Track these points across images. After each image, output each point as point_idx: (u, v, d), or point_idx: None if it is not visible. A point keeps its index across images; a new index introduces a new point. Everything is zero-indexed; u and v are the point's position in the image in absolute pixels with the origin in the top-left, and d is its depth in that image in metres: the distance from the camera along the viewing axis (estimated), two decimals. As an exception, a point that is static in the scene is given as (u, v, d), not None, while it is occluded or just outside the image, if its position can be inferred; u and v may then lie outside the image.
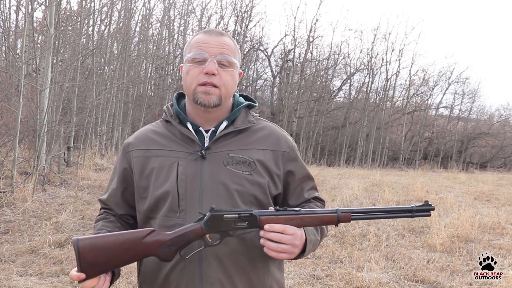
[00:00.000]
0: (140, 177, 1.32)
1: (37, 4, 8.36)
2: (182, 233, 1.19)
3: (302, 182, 1.39)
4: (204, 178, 1.26)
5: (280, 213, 1.20)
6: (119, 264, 1.18)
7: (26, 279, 3.79)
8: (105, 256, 1.15)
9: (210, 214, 1.19)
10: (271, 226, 1.18)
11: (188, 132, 1.31)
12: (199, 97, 1.28)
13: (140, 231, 1.19)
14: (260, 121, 1.41)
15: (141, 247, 1.17)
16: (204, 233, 1.19)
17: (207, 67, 1.27)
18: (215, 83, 1.27)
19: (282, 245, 1.18)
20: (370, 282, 4.09)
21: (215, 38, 1.30)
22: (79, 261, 1.13)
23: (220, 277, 1.25)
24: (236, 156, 1.29)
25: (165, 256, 1.19)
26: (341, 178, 13.77)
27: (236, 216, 1.19)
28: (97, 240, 1.16)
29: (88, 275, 1.14)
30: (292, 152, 1.37)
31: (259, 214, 1.20)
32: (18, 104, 6.49)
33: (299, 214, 1.21)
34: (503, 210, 8.36)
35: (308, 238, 1.24)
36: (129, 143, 1.38)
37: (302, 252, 1.24)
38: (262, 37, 28.50)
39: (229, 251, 1.25)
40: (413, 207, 1.24)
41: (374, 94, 26.47)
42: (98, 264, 1.14)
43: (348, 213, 1.23)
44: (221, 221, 1.19)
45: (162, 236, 1.18)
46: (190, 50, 1.32)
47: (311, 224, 1.23)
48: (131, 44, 16.14)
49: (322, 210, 1.24)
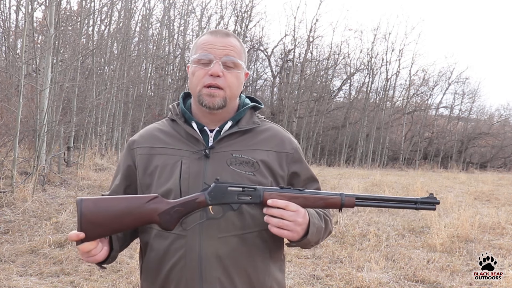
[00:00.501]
0: (144, 174, 1.33)
1: (37, 4, 8.36)
2: (185, 201, 1.19)
3: (306, 184, 1.39)
4: (207, 177, 1.27)
5: (284, 190, 1.21)
6: (120, 228, 1.17)
7: (26, 279, 3.79)
8: (107, 218, 1.14)
9: (214, 184, 1.20)
10: (274, 201, 1.18)
11: (193, 131, 1.32)
12: (204, 99, 1.29)
13: (143, 196, 1.20)
14: (264, 122, 1.41)
15: (143, 211, 1.17)
16: (207, 203, 1.19)
17: (212, 69, 1.27)
18: (220, 84, 1.28)
19: (285, 221, 1.18)
20: (370, 282, 4.09)
21: (221, 39, 1.30)
22: (80, 220, 1.13)
23: (220, 276, 1.25)
24: (240, 156, 1.30)
25: (166, 224, 1.18)
26: (341, 178, 13.78)
27: (240, 189, 1.20)
28: (100, 201, 1.17)
29: (88, 236, 1.13)
30: (296, 154, 1.38)
31: (263, 189, 1.21)
32: (18, 104, 6.49)
33: (303, 194, 1.22)
34: (503, 210, 8.36)
35: (311, 221, 1.24)
36: (134, 141, 1.39)
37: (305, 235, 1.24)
38: (262, 37, 28.54)
39: (230, 250, 1.26)
40: (418, 199, 1.24)
41: (374, 94, 26.49)
42: (99, 225, 1.14)
43: (352, 197, 1.23)
44: (224, 192, 1.20)
45: (164, 203, 1.19)
46: (196, 51, 1.32)
47: (315, 205, 1.23)
48: (131, 44, 16.13)
49: (326, 192, 1.25)
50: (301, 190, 1.23)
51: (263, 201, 1.20)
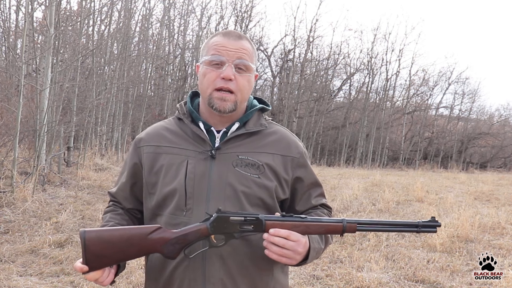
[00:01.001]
0: (149, 173, 1.33)
1: (37, 4, 8.36)
2: (187, 232, 1.20)
3: (310, 189, 1.39)
4: (212, 178, 1.27)
5: (286, 219, 1.20)
6: (124, 258, 1.19)
7: (26, 279, 3.79)
8: (111, 249, 1.16)
9: (216, 215, 1.19)
10: (276, 231, 1.17)
11: (200, 131, 1.31)
12: (214, 102, 1.28)
13: (146, 227, 1.20)
14: (272, 125, 1.41)
15: (146, 243, 1.18)
16: (209, 233, 1.19)
17: (224, 72, 1.26)
18: (232, 88, 1.27)
19: (285, 250, 1.17)
20: (370, 282, 4.09)
21: (234, 42, 1.29)
22: (84, 252, 1.14)
23: (222, 277, 1.25)
24: (246, 158, 1.30)
25: (169, 254, 1.20)
26: (341, 178, 13.77)
27: (242, 219, 1.19)
28: (103, 233, 1.17)
29: (93, 267, 1.15)
30: (301, 158, 1.37)
31: (265, 218, 1.20)
32: (18, 104, 6.49)
33: (304, 221, 1.21)
34: (503, 210, 8.36)
35: (311, 246, 1.24)
36: (141, 139, 1.39)
37: (304, 260, 1.24)
38: (262, 37, 28.55)
39: (233, 251, 1.26)
40: (419, 222, 1.23)
41: (374, 94, 26.50)
42: (103, 256, 1.15)
43: (354, 223, 1.22)
44: (226, 223, 1.19)
45: (167, 234, 1.19)
46: (207, 52, 1.31)
47: (316, 232, 1.23)
48: (131, 44, 16.13)
49: (328, 219, 1.24)
50: (303, 218, 1.22)
51: (265, 230, 1.20)
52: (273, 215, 1.22)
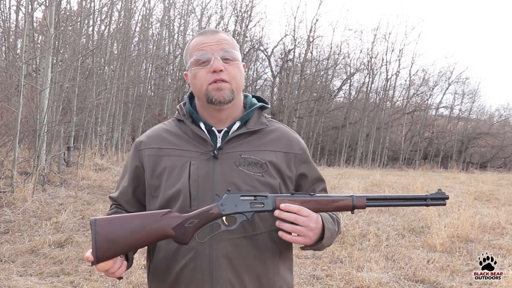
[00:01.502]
0: (152, 176, 1.32)
1: (37, 4, 8.37)
2: (198, 213, 1.19)
3: (313, 184, 1.39)
4: (216, 178, 1.27)
5: (295, 196, 1.21)
6: (136, 244, 1.17)
7: (26, 279, 3.79)
8: (121, 235, 1.14)
9: (226, 195, 1.20)
10: (287, 205, 1.18)
11: (201, 131, 1.31)
12: (212, 95, 1.28)
13: (156, 212, 1.20)
14: (272, 122, 1.41)
15: (157, 227, 1.17)
16: (221, 214, 1.19)
17: (213, 65, 1.27)
18: (224, 78, 1.27)
19: (297, 226, 1.17)
20: (370, 282, 4.09)
21: (212, 36, 1.30)
22: (95, 240, 1.12)
23: (230, 278, 1.25)
24: (248, 157, 1.29)
25: (181, 237, 1.18)
26: (341, 178, 13.77)
27: (252, 197, 1.20)
28: (114, 219, 1.17)
29: (104, 256, 1.13)
30: (304, 155, 1.38)
31: (274, 196, 1.21)
32: (18, 104, 6.49)
33: (314, 197, 1.22)
34: (503, 210, 8.36)
35: (326, 226, 1.24)
36: (141, 141, 1.38)
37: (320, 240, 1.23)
38: (262, 37, 28.54)
39: (240, 252, 1.26)
40: (428, 196, 1.23)
41: (374, 94, 26.51)
42: (115, 243, 1.14)
43: (363, 198, 1.23)
44: (237, 202, 1.19)
45: (178, 217, 1.18)
46: (191, 54, 1.32)
47: (327, 208, 1.23)
48: (131, 44, 16.14)
49: (337, 195, 1.24)
50: (312, 194, 1.23)
51: (276, 208, 1.20)
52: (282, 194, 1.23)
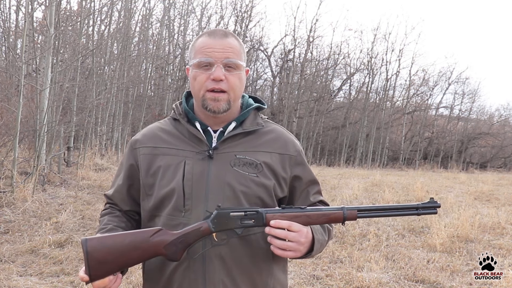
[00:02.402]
0: (146, 175, 1.32)
1: (37, 4, 8.36)
2: (189, 231, 1.19)
3: (308, 186, 1.39)
4: (210, 178, 1.26)
5: (286, 210, 1.21)
6: (127, 263, 1.18)
7: (26, 279, 3.79)
8: (113, 255, 1.15)
9: (216, 212, 1.19)
10: (277, 222, 1.18)
11: (196, 131, 1.31)
12: (208, 103, 1.28)
13: (147, 230, 1.20)
14: (268, 123, 1.41)
15: (148, 245, 1.17)
16: (211, 231, 1.19)
17: (214, 73, 1.25)
18: (223, 88, 1.26)
19: (288, 242, 1.18)
20: (370, 282, 4.09)
21: (220, 42, 1.27)
22: (87, 260, 1.13)
23: (223, 278, 1.25)
24: (243, 157, 1.29)
25: (172, 255, 1.19)
26: (341, 178, 13.77)
27: (242, 213, 1.20)
28: (105, 240, 1.17)
29: (97, 275, 1.14)
30: (299, 156, 1.37)
31: (265, 211, 1.21)
32: (18, 104, 6.49)
33: (305, 212, 1.21)
34: (503, 210, 8.36)
35: (315, 237, 1.24)
36: (137, 140, 1.38)
37: (310, 252, 1.24)
38: (262, 37, 28.48)
39: (233, 252, 1.25)
40: (419, 205, 1.24)
41: (374, 94, 26.49)
42: (107, 263, 1.14)
43: (354, 210, 1.23)
44: (227, 219, 1.19)
45: (169, 235, 1.19)
46: (195, 55, 1.30)
47: (317, 221, 1.23)
48: (131, 44, 16.12)
49: (327, 208, 1.25)
50: (303, 208, 1.22)
51: (266, 223, 1.20)
52: (273, 208, 1.23)
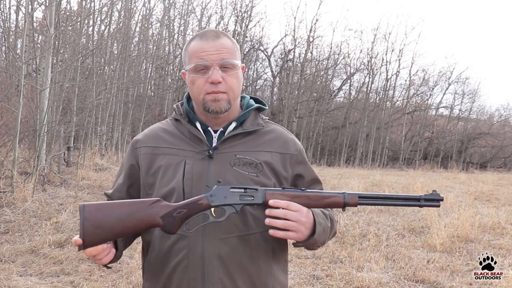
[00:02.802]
0: (147, 174, 1.33)
1: (37, 4, 8.36)
2: (187, 203, 1.19)
3: (310, 185, 1.39)
4: (210, 178, 1.27)
5: (286, 190, 1.22)
6: (123, 231, 1.17)
7: (26, 279, 3.79)
8: (109, 221, 1.15)
9: (216, 186, 1.20)
10: (276, 201, 1.18)
11: (197, 131, 1.31)
12: (209, 105, 1.28)
13: (145, 200, 1.20)
14: (268, 124, 1.41)
15: (145, 214, 1.17)
16: (210, 205, 1.19)
17: (211, 76, 1.26)
18: (222, 90, 1.27)
19: (288, 222, 1.17)
20: (370, 282, 4.09)
21: (213, 43, 1.27)
22: (83, 225, 1.13)
23: (222, 277, 1.25)
24: (243, 157, 1.30)
25: (169, 226, 1.18)
26: (341, 178, 13.77)
27: (242, 190, 1.20)
28: (103, 206, 1.17)
29: (91, 241, 1.14)
30: (300, 155, 1.38)
31: (265, 189, 1.21)
32: (18, 104, 6.49)
33: (305, 193, 1.22)
34: (503, 210, 8.36)
35: (317, 220, 1.24)
36: (138, 140, 1.39)
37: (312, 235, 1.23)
38: (262, 37, 28.56)
39: (233, 251, 1.26)
40: (421, 196, 1.23)
41: (374, 94, 26.51)
42: (102, 228, 1.14)
43: (355, 196, 1.23)
44: (227, 194, 1.20)
45: (167, 206, 1.19)
46: (190, 60, 1.30)
47: (317, 203, 1.23)
48: (131, 44, 16.13)
49: (328, 192, 1.25)
50: (303, 190, 1.23)
51: (265, 202, 1.20)
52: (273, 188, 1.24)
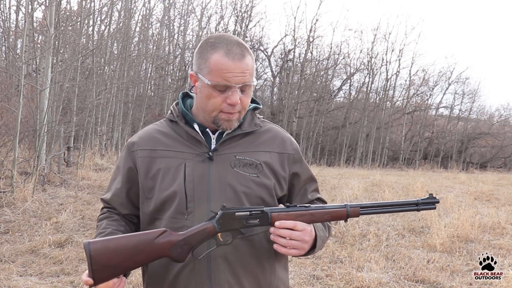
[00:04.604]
0: (146, 178, 1.31)
1: (37, 4, 8.36)
2: (194, 232, 1.18)
3: (306, 184, 1.40)
4: (211, 180, 1.26)
5: (290, 209, 1.22)
6: (132, 266, 1.16)
7: (26, 279, 3.79)
8: (117, 259, 1.13)
9: (222, 212, 1.19)
10: (282, 223, 1.18)
11: (195, 133, 1.30)
12: (221, 123, 1.27)
13: (152, 232, 1.18)
14: (264, 123, 1.41)
15: (153, 248, 1.16)
16: (216, 231, 1.19)
17: (231, 98, 1.22)
18: (238, 110, 1.26)
19: (292, 241, 1.18)
20: (370, 282, 4.09)
21: (239, 65, 1.22)
22: (90, 264, 1.11)
23: (228, 279, 1.25)
24: (243, 158, 1.30)
25: (178, 257, 1.18)
26: (341, 178, 13.77)
27: (247, 213, 1.20)
28: (109, 243, 1.15)
29: (101, 279, 1.13)
30: (296, 154, 1.38)
31: (270, 210, 1.21)
32: (18, 104, 6.49)
33: (309, 210, 1.22)
34: (503, 210, 8.36)
35: (318, 234, 1.25)
36: (134, 143, 1.36)
37: (312, 249, 1.25)
38: (262, 37, 28.54)
39: (237, 252, 1.26)
40: (418, 200, 1.26)
41: (374, 94, 26.51)
42: (111, 267, 1.13)
43: (357, 207, 1.24)
44: (233, 219, 1.19)
45: (174, 236, 1.18)
46: (210, 73, 1.22)
47: (321, 219, 1.24)
48: (131, 44, 16.13)
49: (331, 206, 1.25)
50: (307, 206, 1.23)
51: (271, 223, 1.20)
52: (277, 207, 1.23)
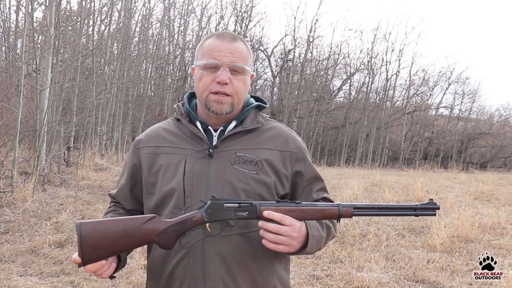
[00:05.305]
0: (149, 174, 1.35)
1: (37, 4, 8.35)
2: (182, 220, 1.20)
3: (311, 183, 1.39)
4: (210, 176, 1.28)
5: (280, 204, 1.22)
6: (120, 249, 1.19)
7: (26, 279, 3.79)
8: (107, 241, 1.16)
9: (210, 202, 1.20)
10: (270, 213, 1.18)
11: (197, 130, 1.33)
12: (211, 105, 1.30)
13: (141, 217, 1.21)
14: (269, 121, 1.42)
15: (141, 232, 1.18)
16: (204, 221, 1.20)
17: (219, 76, 1.27)
18: (227, 91, 1.28)
19: (280, 236, 1.18)
20: (370, 282, 4.09)
21: (228, 45, 1.29)
22: (80, 244, 1.14)
23: (222, 275, 1.26)
24: (243, 155, 1.31)
25: (165, 243, 1.19)
26: (341, 178, 13.77)
27: (236, 205, 1.20)
28: (99, 225, 1.18)
29: (89, 259, 1.15)
30: (300, 153, 1.38)
31: (259, 204, 1.21)
32: (18, 104, 6.49)
33: (299, 206, 1.22)
34: (503, 210, 8.36)
35: (310, 233, 1.24)
36: (140, 140, 1.41)
37: (304, 247, 1.24)
38: (262, 37, 28.59)
39: (233, 249, 1.26)
40: (417, 205, 1.23)
41: (374, 94, 26.51)
42: (100, 248, 1.16)
43: (350, 208, 1.23)
44: (221, 209, 1.20)
45: (162, 223, 1.20)
46: (202, 56, 1.31)
47: (312, 217, 1.23)
48: (131, 44, 16.14)
49: (323, 204, 1.25)
50: (298, 203, 1.22)
51: (260, 216, 1.20)
52: (267, 202, 1.23)
